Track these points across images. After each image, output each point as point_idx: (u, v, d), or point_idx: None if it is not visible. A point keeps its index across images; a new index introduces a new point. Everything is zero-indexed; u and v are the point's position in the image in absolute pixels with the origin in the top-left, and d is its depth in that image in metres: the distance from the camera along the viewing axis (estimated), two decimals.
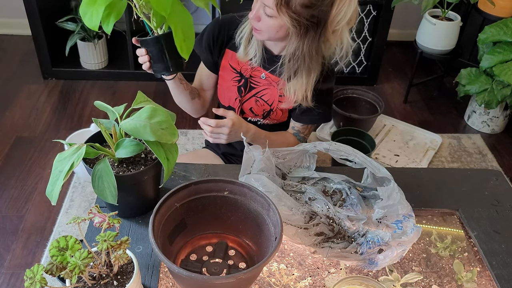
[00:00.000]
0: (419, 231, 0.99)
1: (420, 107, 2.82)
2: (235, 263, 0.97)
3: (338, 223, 1.06)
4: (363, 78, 2.95)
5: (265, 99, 1.38)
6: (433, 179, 1.25)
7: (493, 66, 2.35)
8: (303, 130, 1.42)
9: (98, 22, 0.98)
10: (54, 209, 2.00)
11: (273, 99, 1.37)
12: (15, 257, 1.82)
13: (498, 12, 2.51)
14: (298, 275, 0.99)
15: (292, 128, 1.43)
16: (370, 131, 2.50)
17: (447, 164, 2.40)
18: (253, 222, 0.96)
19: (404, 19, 3.26)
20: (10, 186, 2.11)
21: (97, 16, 0.98)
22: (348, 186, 1.17)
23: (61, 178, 0.86)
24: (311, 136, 2.50)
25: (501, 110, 2.55)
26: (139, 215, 1.08)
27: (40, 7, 2.56)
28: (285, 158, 1.20)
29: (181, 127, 2.51)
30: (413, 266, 1.03)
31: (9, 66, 2.93)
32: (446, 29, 2.56)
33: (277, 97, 1.36)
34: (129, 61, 2.79)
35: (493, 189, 1.22)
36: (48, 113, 2.57)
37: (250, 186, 0.95)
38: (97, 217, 0.83)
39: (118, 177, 0.94)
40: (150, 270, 0.97)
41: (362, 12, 2.70)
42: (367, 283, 0.89)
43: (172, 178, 1.19)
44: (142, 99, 0.98)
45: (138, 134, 0.89)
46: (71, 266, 0.75)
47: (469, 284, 1.00)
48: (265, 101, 1.38)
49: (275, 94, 1.36)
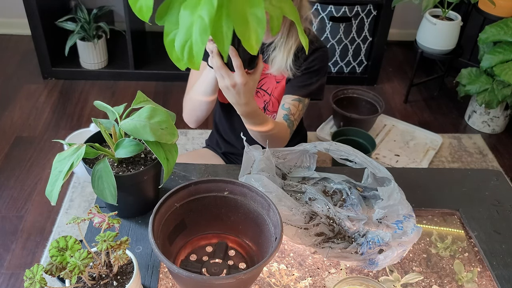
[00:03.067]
0: (419, 231, 0.99)
1: (421, 107, 2.82)
2: (235, 263, 0.97)
3: (339, 223, 1.06)
4: (363, 78, 2.94)
5: (265, 89, 1.42)
6: (434, 179, 1.25)
7: (493, 66, 2.35)
8: (293, 109, 1.36)
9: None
10: (53, 209, 2.00)
11: (272, 88, 1.41)
12: (14, 257, 1.82)
13: (498, 12, 2.51)
14: (298, 275, 0.98)
15: (282, 107, 1.37)
16: (370, 131, 2.50)
17: (447, 164, 2.40)
18: (253, 222, 0.96)
19: (405, 19, 3.26)
20: (10, 186, 2.11)
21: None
22: (348, 186, 1.17)
23: (60, 178, 0.85)
24: (311, 136, 2.49)
25: (501, 110, 2.55)
26: (139, 215, 1.08)
27: (40, 7, 2.56)
28: (285, 158, 1.20)
29: (181, 127, 2.51)
30: (413, 267, 1.03)
31: (9, 66, 2.93)
32: (446, 29, 2.56)
33: (275, 84, 1.41)
34: (129, 61, 2.79)
35: (493, 189, 1.22)
36: (48, 113, 2.57)
37: (250, 186, 0.95)
38: (96, 217, 0.83)
39: (118, 177, 0.94)
40: (150, 270, 0.97)
41: (362, 12, 2.70)
42: (367, 283, 0.89)
43: (172, 178, 1.19)
44: (142, 99, 0.98)
45: (137, 134, 0.89)
46: (70, 266, 0.74)
47: (469, 284, 1.00)
48: (265, 91, 1.42)
49: (273, 81, 1.41)
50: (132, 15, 2.65)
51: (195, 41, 0.67)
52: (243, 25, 0.68)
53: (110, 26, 2.74)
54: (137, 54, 2.79)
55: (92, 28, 2.69)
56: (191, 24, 0.67)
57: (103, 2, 2.99)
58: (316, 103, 2.69)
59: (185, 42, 0.68)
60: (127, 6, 2.57)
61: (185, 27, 0.68)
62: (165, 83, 2.85)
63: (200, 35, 0.67)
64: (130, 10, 2.61)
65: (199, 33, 0.67)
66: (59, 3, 2.85)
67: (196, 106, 1.37)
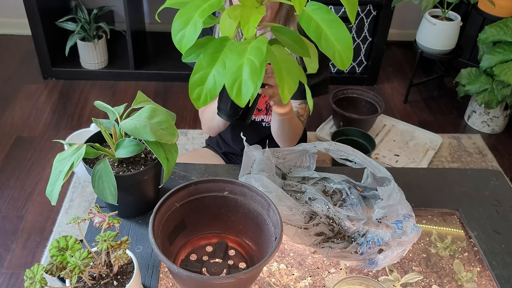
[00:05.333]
0: (419, 231, 0.99)
1: (420, 107, 2.82)
2: (235, 263, 0.97)
3: (338, 223, 1.06)
4: (363, 78, 2.95)
5: None
6: (433, 179, 1.25)
7: (493, 66, 2.35)
8: (301, 111, 1.42)
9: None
10: (54, 209, 2.00)
11: None
12: (15, 257, 1.82)
13: (498, 12, 2.51)
14: (298, 275, 0.99)
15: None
16: (370, 131, 2.50)
17: (447, 164, 2.40)
18: (253, 222, 0.96)
19: (404, 19, 3.26)
20: (10, 186, 2.11)
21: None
22: (348, 186, 1.17)
23: (61, 178, 0.86)
24: (311, 136, 2.50)
25: (501, 110, 2.55)
26: (139, 215, 1.08)
27: (40, 7, 2.56)
28: (285, 158, 1.20)
29: (181, 127, 2.52)
30: (413, 266, 1.03)
31: (9, 66, 2.93)
32: (446, 29, 2.56)
33: None
34: (129, 61, 2.79)
35: (493, 189, 1.22)
36: (48, 113, 2.57)
37: (250, 186, 0.95)
38: (97, 217, 0.83)
39: (118, 177, 0.94)
40: (150, 270, 0.97)
41: (362, 12, 2.70)
42: (367, 283, 0.89)
43: (172, 178, 1.19)
44: (142, 99, 0.98)
45: (138, 134, 0.89)
46: (71, 266, 0.75)
47: (469, 284, 1.00)
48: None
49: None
50: (132, 15, 2.65)
51: (245, 80, 0.75)
52: (280, 75, 0.81)
53: (110, 26, 2.74)
54: (137, 54, 2.79)
55: (92, 28, 2.69)
56: (241, 66, 0.76)
57: (103, 2, 2.99)
58: (316, 104, 2.69)
59: (234, 81, 0.76)
60: (127, 6, 2.57)
61: (234, 68, 0.76)
62: (165, 83, 2.85)
63: (250, 76, 0.75)
64: (130, 10, 2.61)
65: (249, 74, 0.75)
66: (59, 3, 2.85)
67: (214, 124, 1.40)
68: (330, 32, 0.81)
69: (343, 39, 0.81)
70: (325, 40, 0.81)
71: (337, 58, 0.81)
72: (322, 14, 0.81)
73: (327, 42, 0.81)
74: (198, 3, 0.82)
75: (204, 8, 0.81)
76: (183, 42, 0.81)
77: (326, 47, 0.81)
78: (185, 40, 0.81)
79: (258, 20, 0.80)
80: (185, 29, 0.81)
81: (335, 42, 0.81)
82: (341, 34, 0.81)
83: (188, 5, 0.82)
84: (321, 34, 0.80)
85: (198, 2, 0.82)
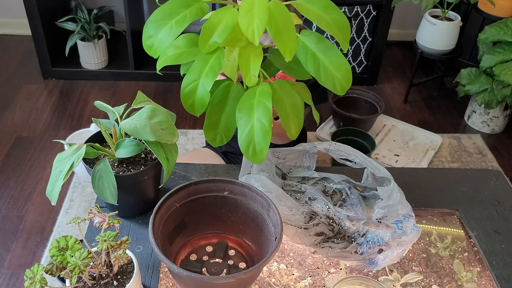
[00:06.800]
0: (419, 231, 0.99)
1: (420, 107, 2.82)
2: (235, 263, 0.97)
3: (338, 223, 1.06)
4: (363, 78, 2.95)
5: None
6: (433, 179, 1.25)
7: (493, 66, 2.36)
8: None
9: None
10: (54, 209, 2.00)
11: None
12: (15, 257, 1.82)
13: (498, 12, 2.51)
14: (298, 275, 0.99)
15: None
16: (370, 131, 2.50)
17: (447, 164, 2.40)
18: (253, 222, 0.96)
19: (404, 19, 3.26)
20: (10, 186, 2.11)
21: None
22: (348, 186, 1.17)
23: (61, 178, 0.86)
24: (311, 136, 2.50)
25: (501, 110, 2.55)
26: (139, 215, 1.08)
27: (40, 7, 2.56)
28: (285, 158, 1.20)
29: (181, 127, 2.51)
30: (413, 266, 1.03)
31: (9, 66, 2.93)
32: (446, 29, 2.56)
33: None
34: (129, 61, 2.79)
35: (493, 189, 1.22)
36: (48, 113, 2.57)
37: (250, 186, 0.95)
38: (97, 217, 0.83)
39: (118, 177, 0.94)
40: (150, 270, 0.97)
41: (362, 12, 2.70)
42: (367, 283, 0.89)
43: (172, 178, 1.19)
44: (142, 99, 0.98)
45: (138, 134, 0.89)
46: (71, 266, 0.75)
47: (469, 284, 1.00)
48: None
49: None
50: (132, 15, 2.65)
51: (258, 142, 0.81)
52: (286, 118, 0.87)
53: (111, 26, 2.74)
54: (137, 54, 2.79)
55: (92, 28, 2.69)
56: (252, 127, 0.81)
57: (103, 3, 2.99)
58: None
59: (248, 145, 0.82)
60: (127, 6, 2.57)
61: (247, 129, 0.82)
62: (165, 83, 2.85)
63: (262, 137, 0.81)
64: (130, 10, 2.61)
65: (261, 136, 0.81)
66: (59, 3, 2.85)
67: None
68: (327, 61, 0.82)
69: (341, 67, 0.83)
70: (323, 70, 0.82)
71: (337, 86, 0.84)
72: (317, 43, 0.83)
73: (325, 72, 0.82)
74: (201, 68, 0.85)
75: (207, 71, 0.84)
76: (195, 107, 0.89)
77: (325, 79, 0.83)
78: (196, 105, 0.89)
79: (258, 66, 0.81)
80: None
81: (333, 71, 0.82)
82: (338, 61, 0.83)
83: (193, 67, 0.86)
84: (319, 64, 0.82)
85: (201, 66, 0.85)
